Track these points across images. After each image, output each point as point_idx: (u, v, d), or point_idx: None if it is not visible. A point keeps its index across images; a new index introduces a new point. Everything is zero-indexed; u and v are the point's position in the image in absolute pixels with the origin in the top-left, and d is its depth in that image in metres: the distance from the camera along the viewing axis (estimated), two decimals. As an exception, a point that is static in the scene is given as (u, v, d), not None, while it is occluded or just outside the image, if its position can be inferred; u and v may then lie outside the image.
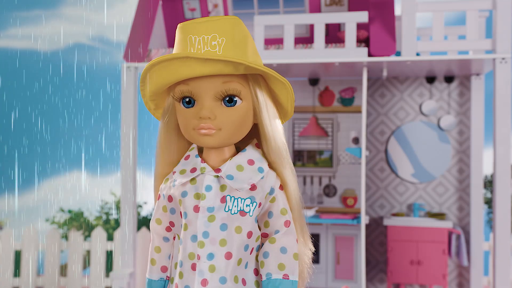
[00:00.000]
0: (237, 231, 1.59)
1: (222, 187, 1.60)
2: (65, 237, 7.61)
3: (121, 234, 4.06)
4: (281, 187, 1.66)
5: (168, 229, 1.71)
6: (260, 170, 1.63)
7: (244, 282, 1.61)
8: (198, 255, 1.57)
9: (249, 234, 1.61)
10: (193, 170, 1.62)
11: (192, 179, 1.62)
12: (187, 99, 1.59)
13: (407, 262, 4.20)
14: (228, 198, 1.58)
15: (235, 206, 1.58)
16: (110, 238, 7.59)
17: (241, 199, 1.59)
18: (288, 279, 1.58)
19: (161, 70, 1.55)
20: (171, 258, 1.73)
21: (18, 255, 5.49)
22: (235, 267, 1.59)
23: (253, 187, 1.61)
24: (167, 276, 1.71)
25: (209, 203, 1.58)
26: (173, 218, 1.66)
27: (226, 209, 1.58)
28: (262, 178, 1.62)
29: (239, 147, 1.70)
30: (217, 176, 1.61)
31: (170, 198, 1.64)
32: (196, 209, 1.58)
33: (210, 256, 1.56)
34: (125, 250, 4.07)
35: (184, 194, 1.61)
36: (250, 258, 1.63)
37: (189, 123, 1.59)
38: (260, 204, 1.62)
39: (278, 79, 1.60)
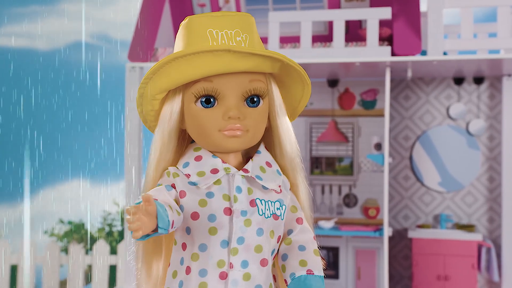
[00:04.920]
0: (271, 235, 1.57)
1: (249, 190, 1.56)
2: (65, 250, 7.63)
3: (125, 247, 4.06)
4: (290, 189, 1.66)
5: None
6: (278, 172, 1.62)
7: None
8: (230, 263, 1.51)
9: (278, 239, 1.60)
10: (215, 171, 1.56)
11: (217, 180, 1.56)
12: (205, 98, 1.54)
13: (433, 277, 4.21)
14: (258, 201, 1.55)
15: (267, 210, 1.56)
16: (113, 251, 7.60)
17: (271, 202, 1.57)
18: (312, 274, 1.54)
19: (184, 64, 1.49)
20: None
21: (14, 270, 5.50)
22: (269, 274, 1.56)
23: (280, 190, 1.60)
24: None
25: (242, 206, 1.53)
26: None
27: (260, 213, 1.55)
28: (282, 181, 1.62)
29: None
30: (243, 177, 1.57)
31: (182, 193, 1.56)
32: (227, 211, 1.53)
33: (244, 264, 1.52)
34: (129, 264, 4.07)
35: (210, 195, 1.54)
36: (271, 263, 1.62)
37: (212, 125, 1.54)
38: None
39: (303, 80, 1.59)
